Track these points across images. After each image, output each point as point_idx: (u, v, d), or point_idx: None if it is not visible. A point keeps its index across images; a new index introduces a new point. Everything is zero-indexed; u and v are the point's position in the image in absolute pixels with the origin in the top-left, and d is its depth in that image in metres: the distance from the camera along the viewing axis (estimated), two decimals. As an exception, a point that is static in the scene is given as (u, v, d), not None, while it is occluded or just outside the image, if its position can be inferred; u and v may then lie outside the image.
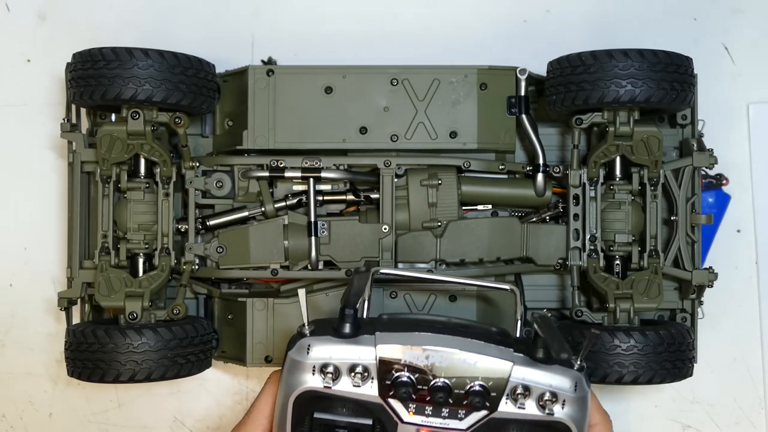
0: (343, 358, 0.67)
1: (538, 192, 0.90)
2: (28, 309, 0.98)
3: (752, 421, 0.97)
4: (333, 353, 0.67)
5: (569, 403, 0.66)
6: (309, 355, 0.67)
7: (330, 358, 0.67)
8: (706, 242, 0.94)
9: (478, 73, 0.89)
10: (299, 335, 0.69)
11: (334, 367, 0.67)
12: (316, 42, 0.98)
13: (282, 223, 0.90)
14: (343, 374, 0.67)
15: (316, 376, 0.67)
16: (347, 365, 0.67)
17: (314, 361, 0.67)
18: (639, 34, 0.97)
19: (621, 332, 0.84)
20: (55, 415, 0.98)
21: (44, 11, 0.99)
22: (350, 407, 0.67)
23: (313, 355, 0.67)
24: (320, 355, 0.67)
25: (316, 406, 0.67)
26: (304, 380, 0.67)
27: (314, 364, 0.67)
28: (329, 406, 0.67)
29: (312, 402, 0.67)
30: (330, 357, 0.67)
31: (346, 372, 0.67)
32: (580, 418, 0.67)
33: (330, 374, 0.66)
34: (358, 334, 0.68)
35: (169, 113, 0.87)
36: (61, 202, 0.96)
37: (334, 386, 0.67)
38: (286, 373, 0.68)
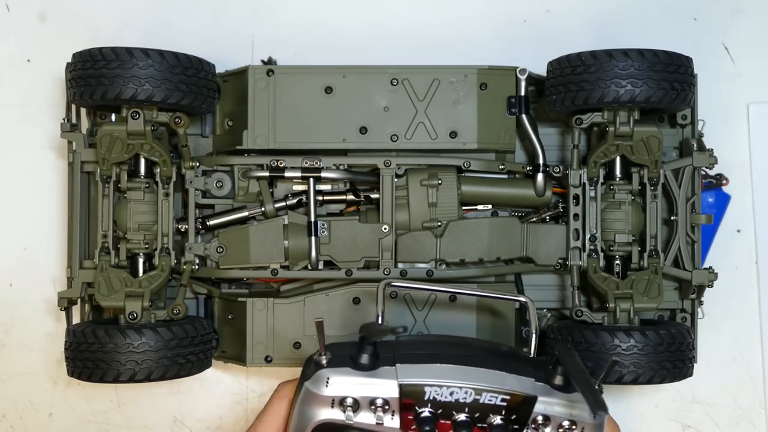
0: (363, 394, 0.66)
1: (538, 192, 0.90)
2: (28, 309, 0.98)
3: (752, 421, 0.97)
4: (353, 387, 0.66)
5: (588, 429, 0.67)
6: (328, 388, 0.66)
7: (350, 393, 0.66)
8: (706, 242, 0.94)
9: (478, 73, 0.89)
10: (315, 365, 0.67)
11: (353, 401, 0.66)
12: (316, 42, 0.98)
13: (282, 223, 0.90)
14: (362, 408, 0.66)
15: (335, 409, 0.66)
16: (368, 399, 0.66)
17: (333, 395, 0.66)
18: (639, 34, 0.97)
19: (621, 332, 0.84)
20: (55, 415, 0.98)
21: (44, 11, 0.99)
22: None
23: (332, 390, 0.66)
24: (339, 390, 0.66)
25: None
26: (323, 412, 0.66)
27: (333, 397, 0.66)
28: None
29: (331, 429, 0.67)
30: (350, 392, 0.66)
31: (366, 405, 0.66)
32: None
33: (350, 407, 0.66)
34: (377, 366, 0.67)
35: (169, 113, 0.87)
36: (61, 202, 0.96)
37: (354, 418, 0.66)
38: (301, 403, 0.67)
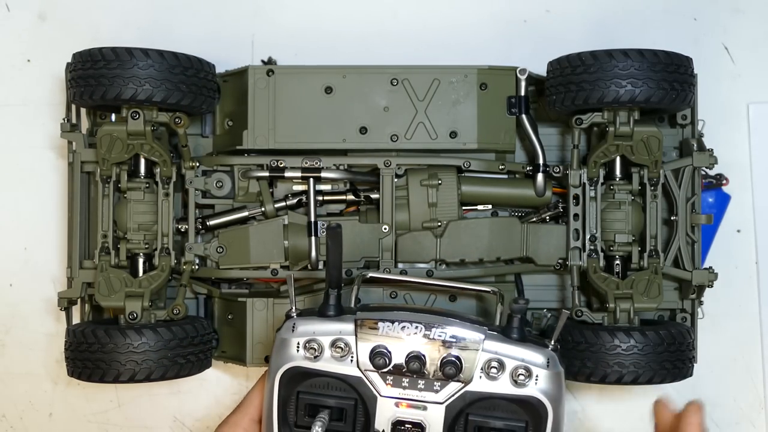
0: (325, 332, 0.70)
1: (538, 192, 0.90)
2: (28, 309, 0.98)
3: (752, 421, 0.97)
4: (316, 329, 0.71)
5: (543, 379, 0.69)
6: (294, 332, 0.71)
7: (313, 334, 0.70)
8: (706, 242, 0.94)
9: (478, 73, 0.89)
10: (286, 317, 0.72)
11: (317, 344, 0.70)
12: (316, 42, 0.98)
13: (282, 223, 0.90)
14: (325, 350, 0.70)
15: (300, 352, 0.70)
16: (329, 340, 0.70)
17: (299, 337, 0.70)
18: (639, 34, 0.97)
19: (621, 332, 0.84)
20: (55, 415, 0.98)
21: (44, 11, 0.99)
22: (333, 386, 0.70)
23: (299, 332, 0.71)
24: (304, 330, 0.71)
25: (301, 384, 0.71)
26: (290, 357, 0.71)
27: (299, 340, 0.70)
28: (314, 385, 0.71)
29: (297, 380, 0.71)
30: (313, 333, 0.70)
31: (328, 347, 0.70)
32: (556, 396, 0.69)
33: (313, 349, 0.70)
34: (340, 314, 0.72)
35: (169, 113, 0.87)
36: (61, 202, 0.96)
37: (316, 363, 0.70)
38: (274, 353, 0.71)
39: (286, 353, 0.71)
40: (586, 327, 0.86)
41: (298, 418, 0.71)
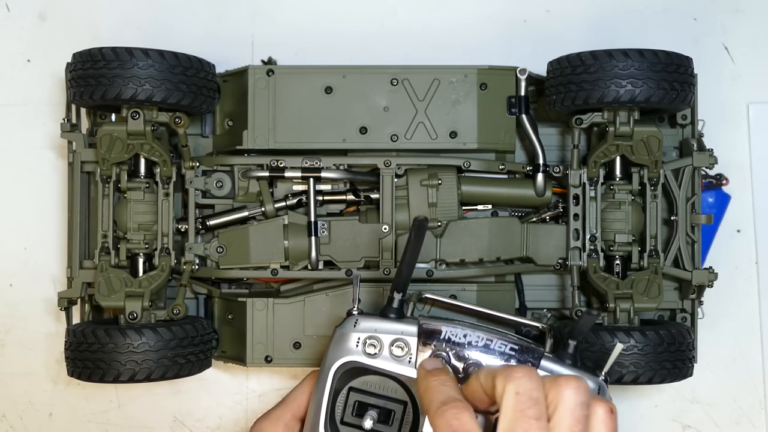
0: (387, 331, 0.72)
1: (538, 192, 0.90)
2: (28, 309, 0.98)
3: (752, 421, 0.97)
4: (378, 327, 0.72)
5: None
6: (356, 327, 0.72)
7: (375, 331, 0.72)
8: (706, 242, 0.94)
9: (478, 73, 0.89)
10: (348, 314, 0.74)
11: (377, 341, 0.71)
12: (316, 42, 0.98)
13: (282, 223, 0.90)
14: (384, 348, 0.71)
15: (359, 348, 0.72)
16: (390, 339, 0.71)
17: (360, 333, 0.72)
18: (639, 33, 0.97)
19: (621, 332, 0.84)
20: (55, 415, 0.98)
21: (44, 11, 0.99)
22: (386, 387, 0.72)
23: (360, 328, 0.72)
24: (366, 327, 0.72)
25: (354, 380, 0.72)
26: (348, 351, 0.72)
27: (359, 336, 0.72)
28: (366, 382, 0.72)
29: (351, 374, 0.71)
30: (375, 330, 0.72)
31: (388, 346, 0.71)
32: None
33: (373, 346, 0.71)
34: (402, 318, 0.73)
35: (169, 113, 0.87)
36: (61, 202, 0.96)
37: (374, 360, 0.71)
38: (331, 346, 0.72)
39: (345, 347, 0.72)
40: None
41: (345, 414, 0.72)
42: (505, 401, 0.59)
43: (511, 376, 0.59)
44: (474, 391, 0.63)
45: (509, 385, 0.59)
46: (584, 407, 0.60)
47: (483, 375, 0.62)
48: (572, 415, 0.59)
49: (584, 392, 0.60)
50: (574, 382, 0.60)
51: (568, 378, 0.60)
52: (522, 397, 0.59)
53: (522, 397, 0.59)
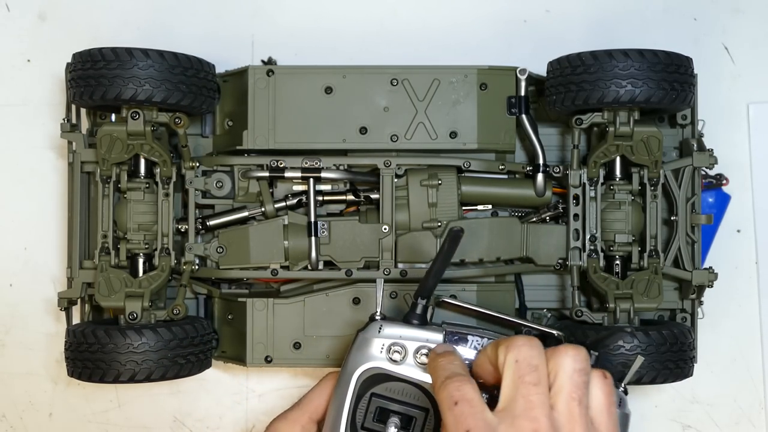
0: (411, 338, 0.71)
1: (538, 192, 0.90)
2: (28, 309, 0.98)
3: (752, 421, 0.97)
4: (403, 333, 0.71)
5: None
6: (381, 333, 0.71)
7: (400, 338, 0.71)
8: (706, 242, 0.94)
9: (478, 73, 0.89)
10: (370, 319, 0.72)
11: (401, 347, 0.70)
12: (316, 42, 0.98)
13: (282, 223, 0.90)
14: (409, 355, 0.70)
15: (383, 355, 0.71)
16: (415, 346, 0.70)
17: (384, 339, 0.71)
18: (639, 34, 0.97)
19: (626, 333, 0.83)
20: (55, 415, 0.98)
21: (44, 11, 0.99)
22: (408, 393, 0.71)
23: (384, 334, 0.71)
24: (391, 334, 0.71)
25: (376, 387, 0.70)
26: (371, 357, 0.71)
27: (384, 342, 0.71)
28: (389, 389, 0.70)
29: (374, 381, 0.70)
30: (400, 336, 0.71)
31: (413, 353, 0.70)
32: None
33: (397, 353, 0.70)
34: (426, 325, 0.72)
35: (169, 113, 0.87)
36: (61, 202, 0.96)
37: (398, 367, 0.70)
38: (353, 351, 0.72)
39: (368, 353, 0.71)
40: (587, 327, 0.86)
41: (366, 420, 0.71)
42: (506, 370, 0.61)
43: (512, 345, 0.61)
44: (482, 364, 0.65)
45: (509, 354, 0.61)
46: (584, 374, 0.61)
47: (489, 347, 0.64)
48: (572, 382, 0.60)
49: (583, 360, 0.61)
50: (573, 350, 0.61)
51: (567, 346, 0.61)
52: (521, 364, 0.60)
53: (521, 364, 0.60)
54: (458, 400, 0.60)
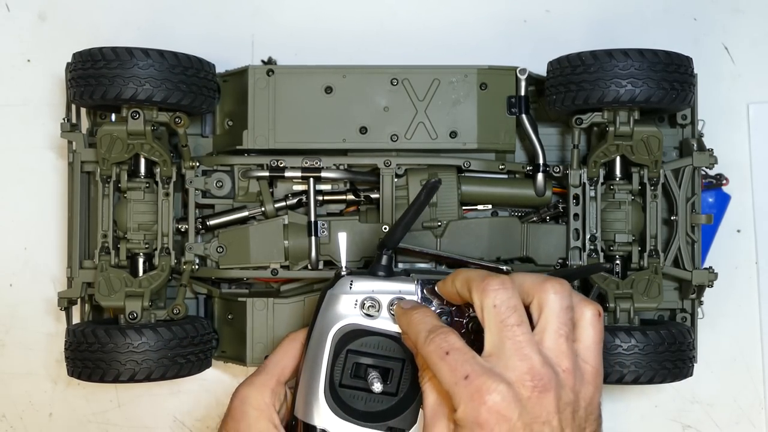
0: (384, 290, 0.70)
1: (538, 192, 0.90)
2: (28, 309, 0.98)
3: (752, 421, 0.97)
4: (375, 287, 0.70)
5: None
6: (352, 289, 0.70)
7: (372, 292, 0.69)
8: (706, 242, 0.94)
9: (478, 73, 0.89)
10: (337, 276, 0.71)
11: (375, 301, 0.69)
12: (316, 42, 0.98)
13: (282, 223, 0.90)
14: (383, 308, 0.69)
15: (356, 310, 0.69)
16: (389, 299, 0.69)
17: (357, 294, 0.70)
18: (639, 33, 0.97)
19: (622, 332, 0.84)
20: (55, 415, 0.98)
21: (44, 11, 0.99)
22: (383, 346, 0.70)
23: (356, 289, 0.70)
24: (363, 289, 0.70)
25: (350, 343, 0.69)
26: (345, 314, 0.69)
27: (356, 298, 0.69)
28: (364, 344, 0.70)
29: (350, 338, 0.69)
30: (372, 290, 0.70)
31: (387, 306, 0.69)
32: None
33: (372, 307, 0.69)
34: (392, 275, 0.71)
35: (169, 113, 0.87)
36: (61, 202, 0.96)
37: (373, 321, 0.69)
38: (324, 310, 0.70)
39: (341, 310, 0.70)
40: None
41: (344, 377, 0.70)
42: (486, 316, 0.62)
43: (486, 290, 0.62)
44: (449, 292, 0.67)
45: (486, 299, 0.62)
46: (569, 310, 0.63)
47: (459, 281, 0.65)
48: (558, 319, 0.62)
49: (567, 296, 0.63)
50: (558, 286, 0.63)
51: (552, 282, 0.63)
52: (501, 308, 0.62)
53: (501, 308, 0.62)
54: (448, 350, 0.62)
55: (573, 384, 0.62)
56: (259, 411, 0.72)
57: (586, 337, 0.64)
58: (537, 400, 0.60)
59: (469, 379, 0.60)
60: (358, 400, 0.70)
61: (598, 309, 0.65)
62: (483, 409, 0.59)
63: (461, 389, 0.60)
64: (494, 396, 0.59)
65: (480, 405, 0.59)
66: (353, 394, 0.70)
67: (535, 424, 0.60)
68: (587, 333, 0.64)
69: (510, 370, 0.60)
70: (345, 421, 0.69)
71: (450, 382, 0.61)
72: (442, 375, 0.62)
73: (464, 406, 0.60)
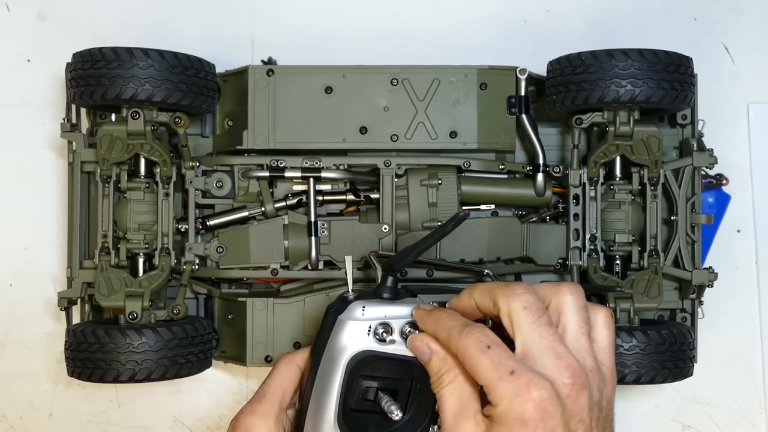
0: (396, 315, 0.68)
1: (538, 192, 0.90)
2: (28, 309, 0.98)
3: (752, 421, 0.97)
4: (387, 312, 0.68)
5: None
6: (364, 315, 0.68)
7: (385, 317, 0.68)
8: (706, 242, 0.94)
9: (478, 73, 0.89)
10: (343, 301, 0.69)
11: (388, 326, 0.68)
12: (316, 42, 0.98)
13: (282, 223, 0.90)
14: (395, 333, 0.68)
15: (371, 337, 0.68)
16: (401, 323, 0.68)
17: (369, 321, 0.68)
18: (639, 33, 0.97)
19: (623, 332, 0.84)
20: (55, 415, 0.98)
21: (44, 11, 0.99)
22: (392, 369, 0.69)
23: (368, 315, 0.68)
24: (375, 315, 0.68)
25: (363, 368, 0.68)
26: (359, 340, 0.68)
27: (370, 324, 0.68)
28: (375, 368, 0.68)
29: (364, 363, 0.68)
30: (384, 316, 0.68)
31: (399, 330, 0.68)
32: None
33: (385, 333, 0.68)
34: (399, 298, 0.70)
35: (169, 113, 0.87)
36: (61, 202, 0.96)
37: (387, 346, 0.68)
38: (335, 336, 0.68)
39: (354, 337, 0.68)
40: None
41: (355, 401, 0.69)
42: (516, 319, 0.62)
43: (514, 293, 0.62)
44: (465, 306, 0.66)
45: (514, 302, 0.62)
46: (585, 310, 0.64)
47: (478, 293, 0.65)
48: (578, 318, 0.63)
49: (582, 296, 0.64)
50: (573, 288, 0.64)
51: (567, 285, 0.64)
52: (531, 310, 0.62)
53: (531, 310, 0.62)
54: (490, 344, 0.61)
55: (598, 383, 0.62)
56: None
57: (602, 338, 0.64)
58: (575, 398, 0.60)
59: (515, 374, 0.60)
60: (370, 424, 0.69)
61: (609, 311, 0.65)
62: (529, 405, 0.59)
63: (506, 384, 0.60)
64: (542, 392, 0.59)
65: (527, 401, 0.59)
66: (364, 418, 0.69)
67: (572, 422, 0.60)
68: (602, 334, 0.65)
69: (548, 369, 0.60)
70: None
71: (492, 377, 0.60)
72: (481, 369, 0.61)
73: (508, 402, 0.59)
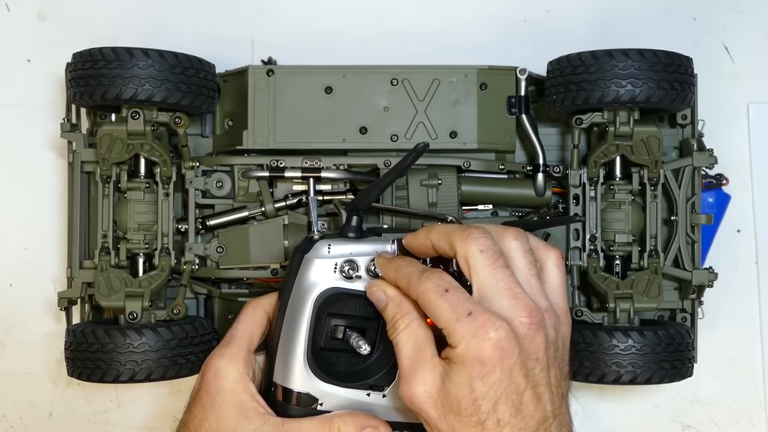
0: (362, 252, 0.69)
1: (538, 192, 0.90)
2: (28, 309, 0.98)
3: (752, 421, 0.97)
4: (353, 250, 0.69)
5: None
6: (330, 252, 0.69)
7: (350, 254, 0.69)
8: (706, 242, 0.94)
9: (478, 73, 0.89)
10: (310, 240, 0.70)
11: (353, 263, 0.69)
12: (316, 42, 0.98)
13: (282, 223, 0.90)
14: (361, 270, 0.69)
15: (337, 274, 0.69)
16: (366, 260, 0.69)
17: (335, 258, 0.69)
18: (639, 33, 0.97)
19: (619, 332, 0.84)
20: (55, 415, 0.98)
21: (44, 11, 0.99)
22: (359, 306, 0.69)
23: (334, 253, 0.69)
24: (341, 252, 0.69)
25: (330, 306, 0.69)
26: (326, 278, 0.68)
27: (335, 261, 0.68)
28: (342, 306, 0.69)
29: (331, 302, 0.69)
30: (350, 253, 0.69)
31: (365, 267, 0.69)
32: None
33: (351, 269, 0.69)
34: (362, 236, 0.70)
35: (169, 113, 0.87)
36: (61, 202, 0.96)
37: (353, 283, 0.69)
38: (302, 275, 0.69)
39: (321, 275, 0.68)
40: (585, 327, 0.86)
41: (324, 340, 0.69)
42: (473, 262, 0.63)
43: (470, 237, 0.64)
44: (420, 245, 0.68)
45: (471, 246, 0.64)
46: (531, 253, 0.66)
47: (435, 235, 0.66)
48: (525, 259, 0.66)
49: (526, 240, 0.66)
50: (516, 233, 0.66)
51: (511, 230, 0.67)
52: (488, 253, 0.63)
53: (488, 253, 0.63)
54: (448, 287, 0.63)
55: (554, 323, 0.64)
56: (235, 382, 0.71)
57: (553, 279, 0.67)
58: (531, 337, 0.62)
59: (472, 315, 0.61)
60: (339, 362, 0.70)
61: (560, 252, 0.68)
62: (487, 345, 0.60)
63: (464, 325, 0.61)
64: (500, 332, 0.61)
65: (485, 341, 0.60)
66: (333, 356, 0.69)
67: (529, 361, 0.62)
68: (553, 275, 0.67)
69: (505, 309, 0.62)
70: (327, 383, 0.69)
71: (450, 319, 0.62)
72: (440, 312, 0.62)
73: (466, 342, 0.61)
